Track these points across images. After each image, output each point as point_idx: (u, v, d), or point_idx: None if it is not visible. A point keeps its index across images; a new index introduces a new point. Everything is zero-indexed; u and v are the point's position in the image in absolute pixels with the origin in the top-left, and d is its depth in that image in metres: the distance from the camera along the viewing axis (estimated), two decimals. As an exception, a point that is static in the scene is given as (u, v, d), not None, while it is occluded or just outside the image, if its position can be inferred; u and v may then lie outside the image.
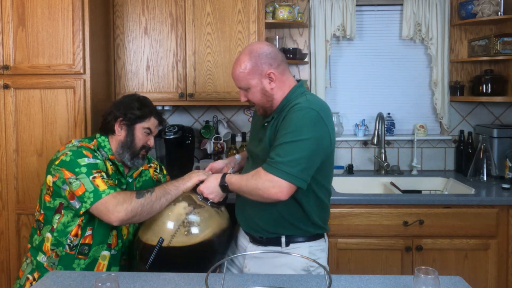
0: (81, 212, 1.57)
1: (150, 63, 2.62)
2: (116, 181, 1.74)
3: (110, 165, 1.74)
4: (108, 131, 1.77)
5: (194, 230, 1.59)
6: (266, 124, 1.62)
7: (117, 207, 1.54)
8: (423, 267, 1.13)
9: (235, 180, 1.58)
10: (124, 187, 1.77)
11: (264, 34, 2.61)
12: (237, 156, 1.93)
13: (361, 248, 2.29)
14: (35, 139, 2.26)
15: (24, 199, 2.28)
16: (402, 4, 2.91)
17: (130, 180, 1.82)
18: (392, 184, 2.73)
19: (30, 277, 1.67)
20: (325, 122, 1.49)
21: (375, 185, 2.81)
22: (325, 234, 1.69)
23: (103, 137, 1.77)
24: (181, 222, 1.59)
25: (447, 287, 1.27)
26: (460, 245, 2.27)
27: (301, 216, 1.58)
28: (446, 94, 2.90)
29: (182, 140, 2.72)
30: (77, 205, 1.58)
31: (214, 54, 2.58)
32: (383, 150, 2.89)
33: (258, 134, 1.68)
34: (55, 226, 1.65)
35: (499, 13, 2.70)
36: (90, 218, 1.66)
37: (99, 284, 1.05)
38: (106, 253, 1.71)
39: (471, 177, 2.65)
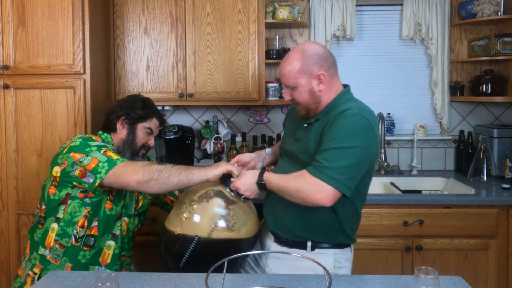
0: (96, 184, 1.55)
1: (150, 63, 2.62)
2: None
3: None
4: (110, 129, 1.81)
5: (230, 227, 1.51)
6: (306, 125, 1.59)
7: (135, 168, 1.53)
8: (423, 267, 1.13)
9: (275, 180, 1.51)
10: None
11: (264, 34, 2.61)
12: (268, 150, 1.80)
13: (361, 248, 2.28)
14: (35, 139, 2.26)
15: (24, 199, 2.28)
16: (402, 4, 2.91)
17: None
18: (392, 184, 2.73)
19: (31, 273, 1.67)
20: (375, 132, 1.46)
21: (375, 185, 2.81)
22: (352, 245, 1.65)
23: (105, 134, 1.81)
24: (216, 219, 1.51)
25: (447, 287, 1.27)
26: (460, 245, 2.27)
27: (334, 224, 1.54)
28: (446, 94, 2.90)
29: (182, 140, 2.72)
30: (90, 180, 1.57)
31: (214, 54, 2.58)
32: (383, 150, 2.89)
33: (295, 133, 1.64)
34: (61, 216, 1.65)
35: (499, 13, 2.70)
36: (97, 209, 1.66)
37: (99, 284, 1.05)
38: (111, 242, 1.72)
39: (471, 177, 2.65)
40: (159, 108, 2.79)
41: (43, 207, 1.69)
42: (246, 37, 2.58)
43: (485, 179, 2.62)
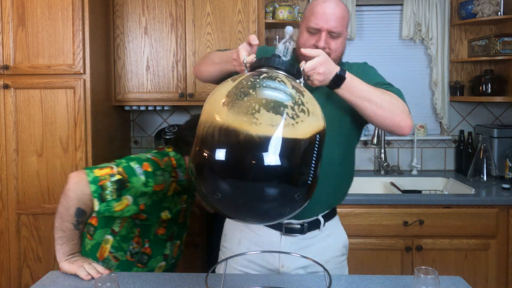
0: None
1: (150, 63, 2.62)
2: (184, 197, 1.66)
3: (177, 185, 1.61)
4: (183, 152, 1.65)
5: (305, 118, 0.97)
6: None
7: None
8: (423, 267, 1.13)
9: (359, 82, 1.23)
10: (185, 204, 1.69)
11: (264, 34, 2.61)
12: (289, 29, 1.27)
13: (361, 248, 2.29)
14: (35, 139, 2.26)
15: (24, 199, 2.28)
16: (402, 4, 2.91)
17: (193, 192, 1.74)
18: (392, 184, 2.73)
19: None
20: None
21: (375, 185, 2.81)
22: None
23: (178, 156, 1.64)
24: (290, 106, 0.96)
25: (447, 287, 1.27)
26: (460, 245, 2.27)
27: (349, 184, 1.53)
28: (446, 94, 2.90)
29: (182, 140, 2.71)
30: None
31: (214, 54, 2.58)
32: (383, 150, 2.89)
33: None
34: (117, 230, 1.57)
35: (499, 13, 2.70)
36: (145, 231, 1.58)
37: (99, 284, 1.05)
38: (163, 263, 1.67)
39: (471, 177, 2.65)
40: (159, 108, 2.81)
41: (93, 214, 1.49)
42: (246, 37, 2.57)
43: (485, 179, 2.62)
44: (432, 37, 2.86)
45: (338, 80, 1.21)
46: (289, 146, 0.91)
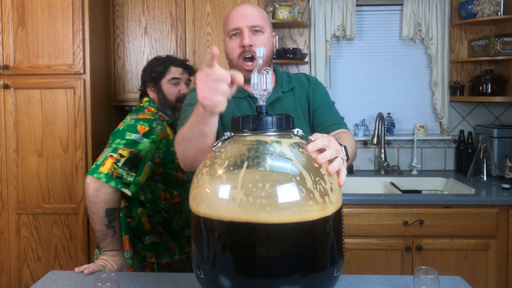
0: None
1: (150, 63, 2.62)
2: None
3: (168, 125, 1.79)
4: (146, 88, 1.85)
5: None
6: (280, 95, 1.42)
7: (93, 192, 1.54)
8: (423, 267, 1.13)
9: (346, 144, 1.17)
10: None
11: (264, 34, 2.61)
12: (261, 50, 0.96)
13: (361, 248, 2.29)
14: (35, 139, 2.26)
15: (24, 199, 2.28)
16: (402, 4, 2.91)
17: None
18: (392, 184, 2.73)
19: (148, 264, 1.74)
20: None
21: (375, 185, 2.81)
22: None
23: (148, 101, 1.82)
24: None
25: (447, 287, 1.27)
26: (460, 245, 2.27)
27: None
28: (446, 94, 2.90)
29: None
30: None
31: (214, 54, 2.58)
32: (383, 150, 2.89)
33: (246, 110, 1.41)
34: (142, 199, 1.70)
35: (499, 13, 2.70)
36: (167, 181, 1.71)
37: (99, 284, 1.05)
38: None
39: (471, 177, 2.65)
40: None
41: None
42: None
43: (485, 179, 2.62)
44: (432, 37, 2.86)
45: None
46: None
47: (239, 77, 0.92)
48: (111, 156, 1.56)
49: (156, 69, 1.81)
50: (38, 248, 2.30)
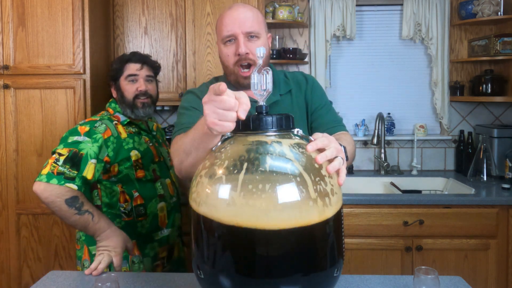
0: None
1: (150, 63, 2.62)
2: (146, 138, 1.77)
3: (130, 127, 1.74)
4: (112, 88, 1.83)
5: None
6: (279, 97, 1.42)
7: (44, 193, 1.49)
8: (423, 267, 1.13)
9: (345, 145, 1.15)
10: (151, 143, 1.78)
11: (264, 34, 2.61)
12: (261, 50, 0.96)
13: (361, 248, 2.29)
14: (35, 139, 2.26)
15: (24, 199, 2.28)
16: (402, 4, 2.91)
17: (154, 133, 1.86)
18: (392, 184, 2.73)
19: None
20: None
21: (375, 185, 2.81)
22: None
23: (114, 104, 1.80)
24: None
25: (447, 287, 1.27)
26: (460, 245, 2.27)
27: None
28: (446, 94, 2.90)
29: (182, 140, 2.71)
30: None
31: (214, 54, 2.58)
32: (383, 150, 2.89)
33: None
34: (98, 203, 1.66)
35: (499, 13, 2.70)
36: (126, 181, 1.66)
37: (99, 284, 1.05)
38: (162, 204, 1.71)
39: (471, 177, 2.65)
40: (159, 108, 2.81)
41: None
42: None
43: (485, 179, 2.62)
44: (432, 37, 2.86)
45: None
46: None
47: (246, 104, 0.85)
48: (51, 157, 1.53)
49: (113, 67, 1.78)
50: (38, 248, 2.30)
